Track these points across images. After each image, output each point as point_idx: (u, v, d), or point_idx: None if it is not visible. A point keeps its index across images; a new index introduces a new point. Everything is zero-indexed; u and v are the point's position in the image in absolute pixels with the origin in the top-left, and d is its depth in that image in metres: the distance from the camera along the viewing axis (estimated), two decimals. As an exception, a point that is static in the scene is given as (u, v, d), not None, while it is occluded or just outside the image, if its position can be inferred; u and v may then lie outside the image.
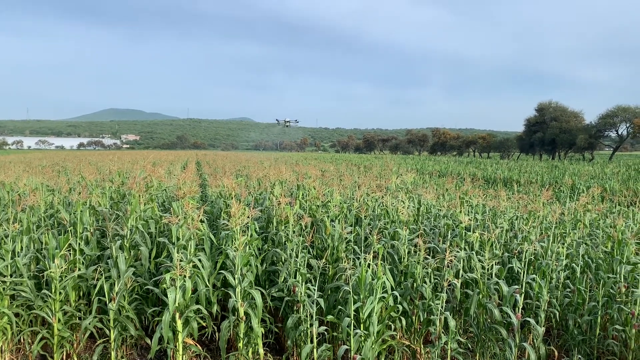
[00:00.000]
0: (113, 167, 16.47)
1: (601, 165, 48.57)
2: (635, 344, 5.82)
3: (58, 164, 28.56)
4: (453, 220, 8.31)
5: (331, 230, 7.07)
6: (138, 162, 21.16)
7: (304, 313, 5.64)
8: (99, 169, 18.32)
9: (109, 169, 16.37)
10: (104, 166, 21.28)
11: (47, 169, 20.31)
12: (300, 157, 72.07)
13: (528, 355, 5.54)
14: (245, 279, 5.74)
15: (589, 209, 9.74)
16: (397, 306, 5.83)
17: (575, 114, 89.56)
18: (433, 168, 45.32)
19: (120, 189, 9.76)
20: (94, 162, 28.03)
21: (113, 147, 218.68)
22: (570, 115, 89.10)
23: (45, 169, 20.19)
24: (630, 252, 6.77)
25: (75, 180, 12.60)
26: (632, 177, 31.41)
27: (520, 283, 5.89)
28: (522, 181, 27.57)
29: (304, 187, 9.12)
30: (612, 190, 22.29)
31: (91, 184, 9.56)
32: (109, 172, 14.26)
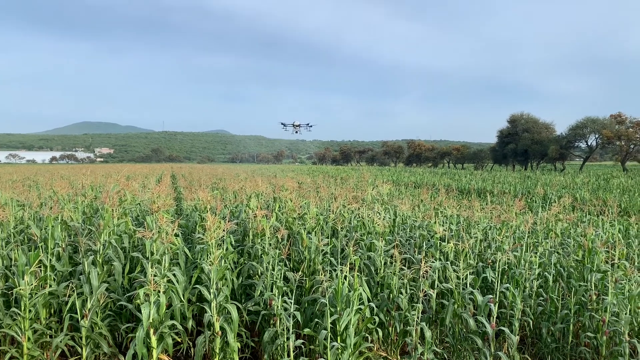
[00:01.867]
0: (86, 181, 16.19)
1: (572, 176, 49.67)
2: (606, 350, 5.93)
3: (29, 178, 27.92)
4: (428, 230, 8.39)
5: (308, 242, 7.07)
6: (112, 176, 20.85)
7: (281, 327, 5.61)
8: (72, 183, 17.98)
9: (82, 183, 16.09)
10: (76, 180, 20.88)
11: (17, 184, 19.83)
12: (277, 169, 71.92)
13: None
14: (220, 293, 5.68)
15: (560, 219, 9.94)
16: (374, 318, 5.84)
17: (547, 125, 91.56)
18: (409, 179, 45.70)
19: (93, 203, 9.60)
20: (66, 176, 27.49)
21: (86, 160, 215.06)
22: (541, 126, 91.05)
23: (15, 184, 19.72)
24: (600, 261, 6.92)
25: (46, 194, 12.34)
26: (601, 187, 32.18)
27: (495, 292, 5.96)
28: (495, 191, 27.99)
29: (281, 200, 9.11)
30: (582, 199, 22.79)
31: (63, 199, 9.37)
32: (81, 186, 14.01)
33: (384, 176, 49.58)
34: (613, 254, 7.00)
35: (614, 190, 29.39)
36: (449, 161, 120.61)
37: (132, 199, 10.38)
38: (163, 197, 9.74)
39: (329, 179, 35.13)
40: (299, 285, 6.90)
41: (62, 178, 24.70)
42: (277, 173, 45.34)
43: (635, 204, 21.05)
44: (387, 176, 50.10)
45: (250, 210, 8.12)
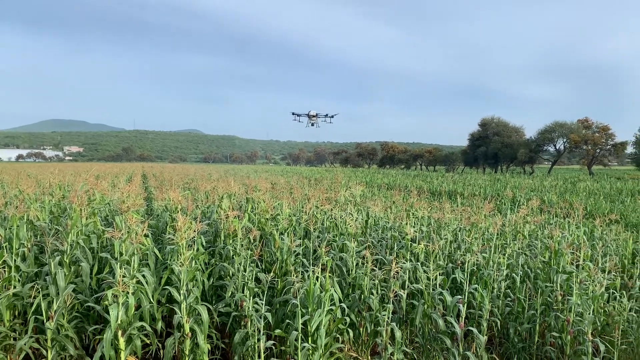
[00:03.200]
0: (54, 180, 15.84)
1: (540, 179, 50.83)
2: (570, 349, 6.09)
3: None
4: (399, 232, 8.47)
5: (280, 243, 7.06)
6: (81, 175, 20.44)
7: (252, 328, 5.59)
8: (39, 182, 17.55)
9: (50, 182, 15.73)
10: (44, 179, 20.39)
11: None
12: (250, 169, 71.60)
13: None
14: (191, 294, 5.63)
15: (528, 221, 10.16)
16: (345, 318, 5.87)
17: (517, 129, 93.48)
18: (382, 181, 46.03)
19: (60, 202, 9.39)
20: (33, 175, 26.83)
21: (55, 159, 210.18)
22: (511, 130, 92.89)
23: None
24: (565, 262, 7.10)
25: (12, 193, 12.02)
26: (568, 190, 33.00)
27: (464, 293, 6.06)
28: (466, 194, 28.44)
29: (253, 200, 9.08)
30: (550, 202, 23.33)
31: (29, 198, 9.15)
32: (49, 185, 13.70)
33: (358, 178, 49.83)
34: (578, 256, 7.18)
35: (580, 193, 30.18)
36: (422, 163, 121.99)
37: (101, 198, 10.20)
38: (133, 196, 9.60)
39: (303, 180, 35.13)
40: (270, 286, 6.88)
41: (29, 177, 24.10)
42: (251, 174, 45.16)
43: (600, 207, 21.64)
44: (360, 178, 50.36)
45: (222, 210, 8.06)
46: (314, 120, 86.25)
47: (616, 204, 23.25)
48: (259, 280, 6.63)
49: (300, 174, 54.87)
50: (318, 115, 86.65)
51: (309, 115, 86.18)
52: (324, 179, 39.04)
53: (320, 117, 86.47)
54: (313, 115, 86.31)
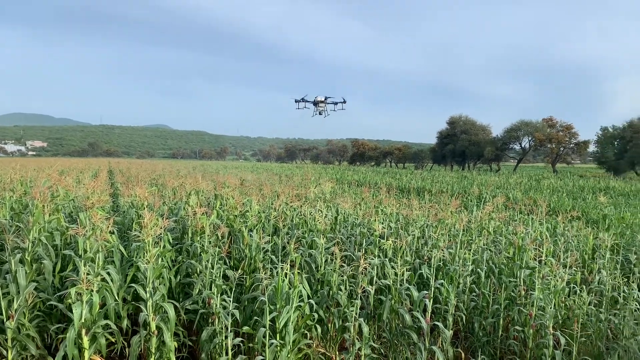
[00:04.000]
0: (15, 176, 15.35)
1: (506, 176, 51.96)
2: (532, 342, 6.25)
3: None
4: (368, 228, 8.54)
5: (249, 240, 7.03)
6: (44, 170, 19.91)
7: (219, 325, 5.56)
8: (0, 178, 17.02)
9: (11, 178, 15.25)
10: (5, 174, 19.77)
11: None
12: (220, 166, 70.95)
13: (437, 358, 5.78)
14: (157, 292, 5.56)
15: (493, 217, 10.37)
16: (313, 314, 5.89)
17: (484, 128, 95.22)
18: (352, 178, 46.28)
19: (22, 199, 9.13)
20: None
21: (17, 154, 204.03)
22: (478, 128, 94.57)
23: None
24: (529, 258, 7.28)
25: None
26: (532, 187, 33.83)
27: (430, 288, 6.15)
28: (434, 191, 28.84)
29: (222, 197, 9.00)
30: (515, 199, 23.86)
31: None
32: (10, 181, 13.28)
33: (328, 174, 49.98)
34: (541, 252, 7.37)
35: (544, 190, 30.97)
36: (391, 160, 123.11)
37: (65, 194, 9.95)
38: (98, 193, 9.41)
39: (273, 176, 35.02)
40: (239, 283, 6.85)
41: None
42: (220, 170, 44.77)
43: (563, 204, 22.26)
44: (331, 174, 50.52)
45: (189, 207, 7.97)
46: (322, 108, 69.73)
47: (578, 201, 23.95)
48: (227, 278, 6.59)
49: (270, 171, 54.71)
50: (326, 102, 70.06)
51: (316, 102, 69.83)
52: (295, 175, 39.01)
53: (329, 104, 70.16)
54: (320, 101, 69.75)
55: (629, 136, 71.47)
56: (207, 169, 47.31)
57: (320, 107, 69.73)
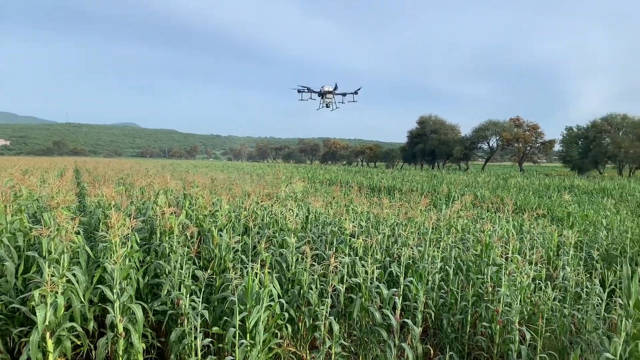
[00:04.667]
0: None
1: (474, 175, 52.85)
2: (499, 338, 6.37)
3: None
4: (339, 227, 8.57)
5: (218, 240, 6.97)
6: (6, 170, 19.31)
7: (189, 326, 5.49)
8: (-42, 177, 16.43)
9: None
10: (-36, 174, 19.12)
11: None
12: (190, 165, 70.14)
13: (407, 355, 5.84)
14: (125, 293, 5.46)
15: (461, 215, 10.53)
16: (284, 314, 5.88)
17: (453, 127, 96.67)
18: (324, 177, 46.36)
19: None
20: (-48, 170, 25.07)
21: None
22: (448, 128, 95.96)
23: None
24: (496, 255, 7.42)
25: None
26: (500, 186, 34.50)
27: (400, 286, 6.21)
28: (404, 189, 29.11)
29: (191, 197, 8.90)
30: (482, 197, 24.28)
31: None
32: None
33: (300, 173, 49.94)
34: (507, 249, 7.52)
35: (511, 189, 31.59)
36: (363, 160, 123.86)
37: (29, 194, 9.69)
38: (64, 192, 9.19)
39: (244, 175, 34.80)
40: (209, 283, 6.79)
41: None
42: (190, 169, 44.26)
43: (529, 202, 22.75)
44: (303, 173, 50.49)
45: (158, 207, 7.86)
46: (329, 100, 59.85)
47: (544, 199, 24.52)
48: (197, 278, 6.52)
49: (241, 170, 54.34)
50: (335, 93, 60.14)
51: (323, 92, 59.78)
52: (266, 174, 38.84)
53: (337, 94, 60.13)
54: (328, 91, 59.73)
55: (592, 136, 73.62)
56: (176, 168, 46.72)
57: (328, 98, 59.86)
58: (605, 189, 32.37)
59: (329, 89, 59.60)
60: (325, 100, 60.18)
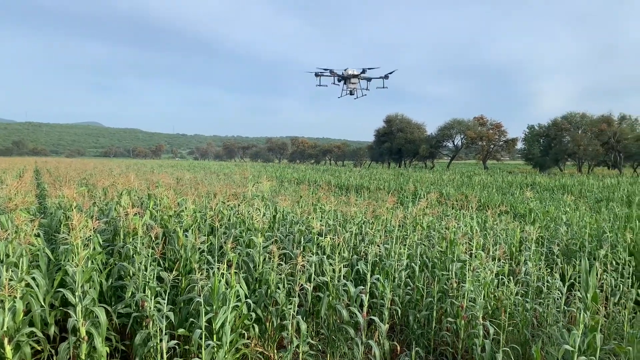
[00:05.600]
0: None
1: (440, 173, 53.69)
2: (464, 333, 6.50)
3: None
4: (307, 226, 8.57)
5: (184, 240, 6.88)
6: (-39, 171, 18.58)
7: (154, 328, 5.40)
8: None
9: None
10: None
11: None
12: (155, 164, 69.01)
13: (374, 352, 5.89)
14: (87, 296, 5.33)
15: (427, 213, 10.69)
16: (251, 314, 5.85)
17: (419, 126, 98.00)
18: (292, 176, 46.32)
19: None
20: None
21: None
22: (414, 127, 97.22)
23: None
24: (460, 251, 7.55)
25: None
26: (464, 183, 35.13)
27: (367, 283, 6.26)
28: (371, 188, 29.35)
29: (156, 197, 8.76)
30: (448, 195, 24.69)
31: None
32: None
33: (268, 172, 49.74)
34: (471, 245, 7.67)
35: (475, 186, 32.23)
36: (331, 158, 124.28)
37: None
38: (22, 193, 8.91)
39: (211, 175, 34.46)
40: (174, 285, 6.69)
41: None
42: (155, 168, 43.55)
43: (492, 199, 23.26)
44: (270, 172, 50.31)
45: (121, 208, 7.70)
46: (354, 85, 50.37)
47: (507, 196, 25.10)
48: (162, 279, 6.41)
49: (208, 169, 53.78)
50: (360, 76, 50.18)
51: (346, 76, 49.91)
52: (233, 173, 38.54)
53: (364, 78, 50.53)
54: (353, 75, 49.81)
55: (553, 134, 75.76)
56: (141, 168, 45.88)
57: (353, 83, 50.55)
58: (566, 186, 33.39)
59: (353, 72, 50.02)
60: (349, 86, 50.82)
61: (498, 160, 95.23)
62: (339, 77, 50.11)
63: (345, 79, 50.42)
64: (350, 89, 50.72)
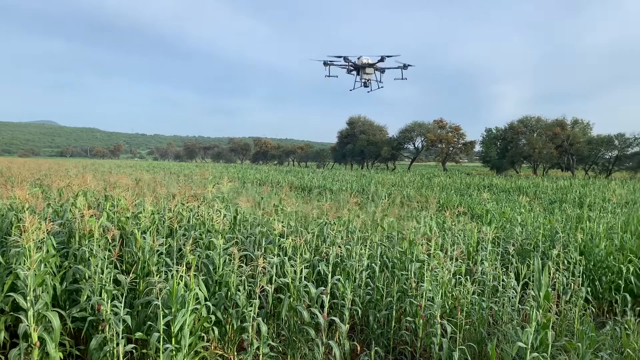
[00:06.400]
0: None
1: (401, 175, 54.47)
2: (423, 332, 6.61)
3: None
4: (268, 227, 8.55)
5: (142, 242, 6.75)
6: None
7: (110, 332, 5.28)
8: None
9: None
10: None
11: None
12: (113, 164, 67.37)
13: (334, 352, 5.93)
14: (40, 300, 5.17)
15: (387, 214, 10.82)
16: (211, 316, 5.79)
17: (380, 128, 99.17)
18: (254, 177, 46.02)
19: None
20: None
21: None
22: (376, 129, 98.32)
23: None
24: (419, 251, 7.68)
25: None
26: (424, 185, 35.73)
27: (327, 284, 6.29)
28: (334, 189, 29.50)
29: (113, 198, 8.56)
30: (408, 196, 25.06)
31: None
32: None
33: (230, 173, 49.28)
34: (430, 245, 7.81)
35: (435, 188, 32.81)
36: (294, 159, 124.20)
37: None
38: (-30, 195, 8.55)
39: (171, 175, 33.90)
40: (132, 288, 6.56)
41: None
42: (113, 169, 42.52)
43: (451, 200, 23.74)
44: (232, 173, 49.87)
45: (76, 209, 7.49)
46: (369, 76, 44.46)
47: (465, 198, 25.66)
48: (119, 282, 6.28)
49: (168, 170, 52.88)
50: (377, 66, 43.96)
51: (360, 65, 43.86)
52: (194, 174, 38.01)
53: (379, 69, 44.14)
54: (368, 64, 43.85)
55: (510, 137, 77.99)
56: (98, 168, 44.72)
57: (368, 74, 44.76)
58: (521, 187, 34.42)
59: (368, 60, 44.17)
60: (364, 77, 45.10)
61: (457, 162, 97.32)
62: (353, 66, 44.18)
63: (359, 69, 44.75)
64: (365, 80, 45.20)
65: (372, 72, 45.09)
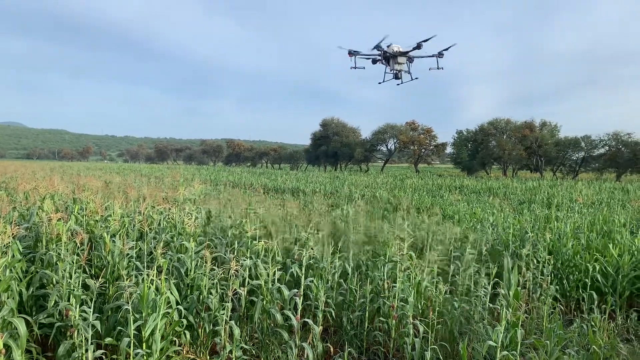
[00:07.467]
0: None
1: (374, 176, 54.80)
2: (396, 332, 6.66)
3: None
4: (240, 230, 8.50)
5: (111, 246, 6.63)
6: None
7: (79, 338, 5.17)
8: None
9: None
10: None
11: None
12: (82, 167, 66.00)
13: (307, 354, 5.92)
14: (5, 306, 5.04)
15: (361, 215, 10.87)
16: (182, 320, 5.73)
17: (354, 130, 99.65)
18: (227, 179, 45.67)
19: None
20: None
21: None
22: (349, 131, 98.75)
23: None
24: (392, 252, 7.73)
25: None
26: (397, 186, 36.02)
27: (300, 286, 6.29)
28: (307, 191, 29.49)
29: (82, 201, 8.39)
30: (381, 197, 25.22)
31: None
32: None
33: (202, 176, 48.80)
34: (402, 246, 7.87)
35: (407, 189, 33.11)
36: (267, 161, 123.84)
37: None
38: None
39: (142, 178, 33.37)
40: (101, 292, 6.44)
41: None
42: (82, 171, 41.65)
43: (423, 201, 23.99)
44: (205, 176, 49.39)
45: (44, 213, 7.32)
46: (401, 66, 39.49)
47: (437, 198, 25.96)
48: (88, 287, 6.15)
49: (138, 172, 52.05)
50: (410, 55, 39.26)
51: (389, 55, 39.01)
52: (165, 177, 37.53)
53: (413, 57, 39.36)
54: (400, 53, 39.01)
55: (480, 139, 79.30)
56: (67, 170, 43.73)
57: (400, 63, 39.45)
58: (492, 189, 35.01)
59: (399, 49, 38.95)
60: (395, 68, 39.88)
61: (429, 164, 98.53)
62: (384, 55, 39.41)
63: (390, 59, 39.69)
64: (396, 71, 40.04)
65: (405, 61, 40.08)
